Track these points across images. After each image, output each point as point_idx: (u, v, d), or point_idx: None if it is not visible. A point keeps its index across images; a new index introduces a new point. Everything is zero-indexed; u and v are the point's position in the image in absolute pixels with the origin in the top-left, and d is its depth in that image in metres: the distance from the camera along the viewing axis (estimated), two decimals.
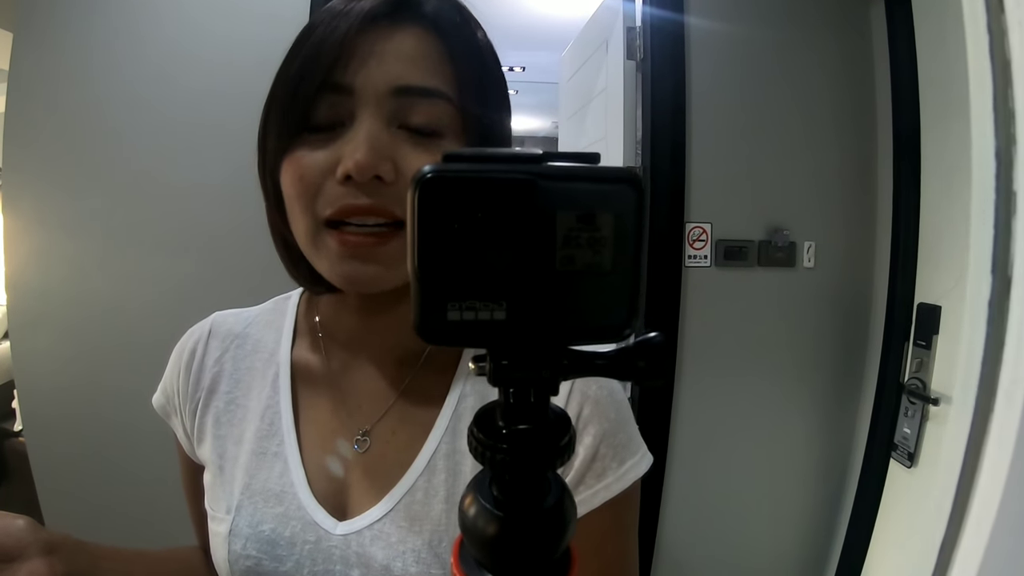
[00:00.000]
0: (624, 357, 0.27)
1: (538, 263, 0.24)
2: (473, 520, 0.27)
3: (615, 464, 0.58)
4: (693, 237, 1.91)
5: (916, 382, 1.74)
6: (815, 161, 1.97)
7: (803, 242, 1.98)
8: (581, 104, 2.58)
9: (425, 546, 0.55)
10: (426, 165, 0.23)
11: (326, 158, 0.51)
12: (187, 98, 1.78)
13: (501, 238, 0.24)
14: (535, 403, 0.27)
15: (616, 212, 0.24)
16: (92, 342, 1.83)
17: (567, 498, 0.29)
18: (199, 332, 0.69)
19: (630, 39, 1.99)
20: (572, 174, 0.24)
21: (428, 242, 0.23)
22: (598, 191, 0.24)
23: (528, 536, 0.27)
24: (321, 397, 0.63)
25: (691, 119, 1.89)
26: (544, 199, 0.24)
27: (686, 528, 2.02)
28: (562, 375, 0.27)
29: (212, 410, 0.65)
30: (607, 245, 0.24)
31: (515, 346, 0.26)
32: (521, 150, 0.25)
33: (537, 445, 0.27)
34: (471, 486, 0.29)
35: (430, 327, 0.24)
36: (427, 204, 0.23)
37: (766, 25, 1.92)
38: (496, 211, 0.23)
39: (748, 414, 2.02)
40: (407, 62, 0.52)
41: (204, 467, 0.66)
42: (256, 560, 0.57)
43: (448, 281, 0.24)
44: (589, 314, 0.25)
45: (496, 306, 0.24)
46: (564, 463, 0.28)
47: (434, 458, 0.58)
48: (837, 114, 1.97)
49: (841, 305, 2.02)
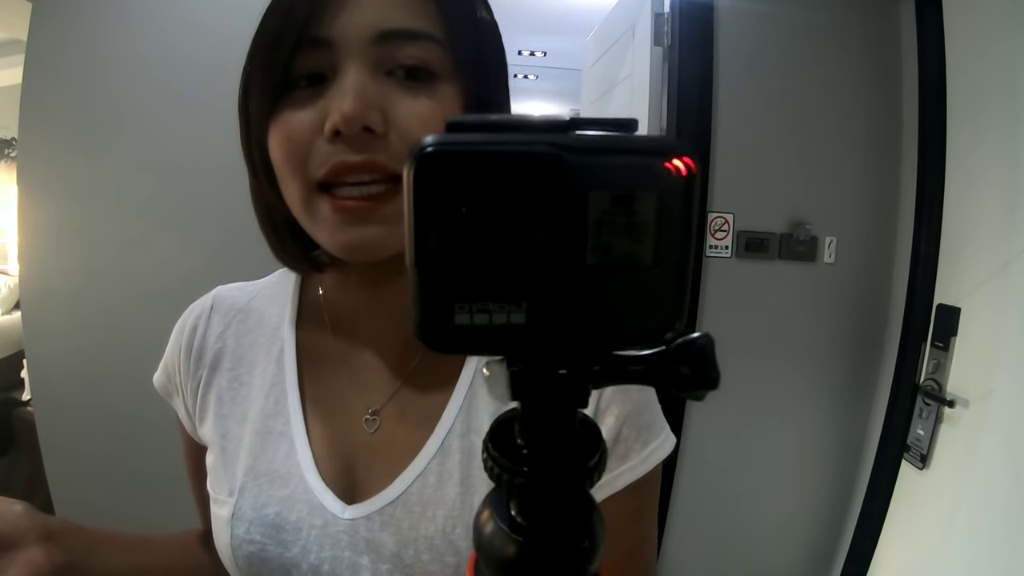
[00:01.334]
0: (665, 362, 0.23)
1: (565, 255, 0.20)
2: (489, 539, 0.24)
3: (639, 446, 0.55)
4: (715, 227, 1.90)
5: (932, 383, 1.73)
6: (839, 155, 1.95)
7: (824, 237, 1.96)
8: (604, 90, 2.56)
9: (439, 533, 0.52)
10: (427, 136, 0.19)
11: (313, 115, 0.48)
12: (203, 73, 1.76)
13: (519, 225, 0.20)
14: (560, 417, 0.24)
15: (660, 192, 0.20)
16: (102, 315, 1.83)
17: (596, 518, 0.25)
18: (200, 307, 0.67)
19: (658, 25, 1.97)
20: (607, 145, 0.20)
21: (429, 231, 0.19)
22: (639, 166, 0.20)
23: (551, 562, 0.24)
24: (328, 375, 0.61)
25: (717, 108, 1.87)
26: (573, 177, 0.19)
27: (695, 521, 2.03)
28: (593, 384, 0.23)
29: (215, 388, 0.63)
30: (649, 232, 0.20)
31: (537, 354, 0.22)
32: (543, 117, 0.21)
33: (562, 469, 0.23)
34: (488, 500, 0.26)
35: (434, 333, 0.20)
36: (427, 184, 0.19)
37: (795, 12, 1.90)
38: (513, 192, 0.19)
39: (761, 408, 2.01)
40: (387, 5, 0.48)
41: (207, 448, 0.64)
42: (260, 545, 0.55)
43: (455, 278, 0.20)
44: (626, 316, 0.21)
45: (514, 308, 0.20)
46: (593, 485, 0.24)
47: (448, 439, 0.55)
48: (863, 107, 1.95)
49: (859, 302, 2.01)
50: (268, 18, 0.50)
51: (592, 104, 2.78)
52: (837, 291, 1.99)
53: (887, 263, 2.00)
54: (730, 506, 2.05)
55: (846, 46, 1.93)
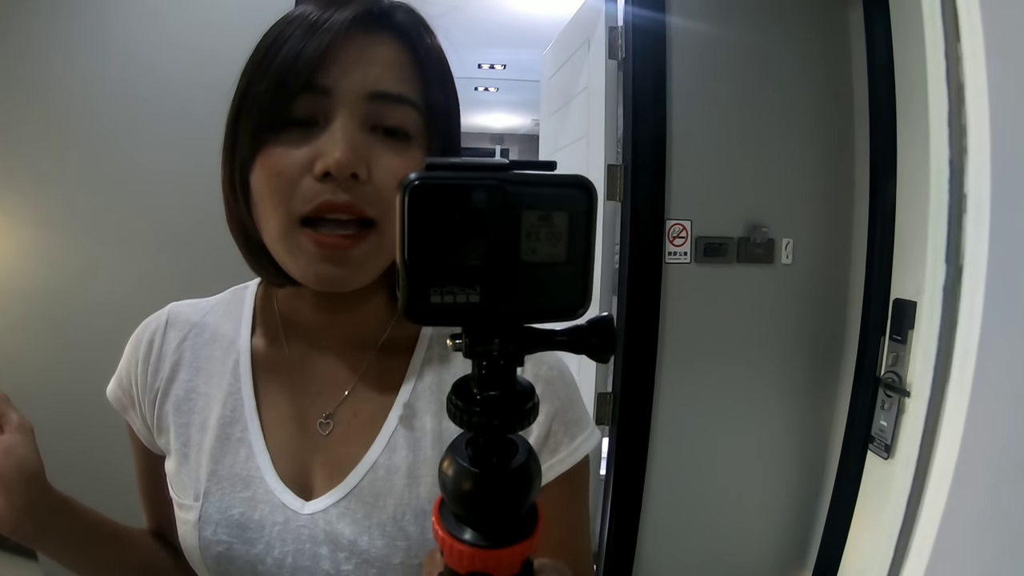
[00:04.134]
0: (579, 334, 0.32)
1: (506, 254, 0.28)
2: (452, 478, 0.32)
3: (567, 440, 0.62)
4: (673, 234, 1.93)
5: (892, 376, 1.77)
6: (794, 160, 2.00)
7: (781, 239, 2.00)
8: (563, 102, 2.59)
9: (390, 520, 0.58)
10: (411, 173, 0.27)
11: (303, 155, 0.53)
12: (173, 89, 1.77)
13: (475, 233, 0.28)
14: (504, 374, 0.32)
15: (570, 211, 0.29)
16: (75, 341, 1.82)
17: (532, 458, 0.33)
18: (156, 322, 0.70)
19: (612, 38, 2.01)
20: (534, 180, 0.29)
21: (415, 237, 0.27)
22: (555, 194, 0.29)
23: (500, 489, 0.32)
24: (282, 384, 0.65)
25: (671, 118, 1.91)
26: (511, 201, 0.28)
27: (667, 520, 2.05)
28: (526, 349, 0.31)
29: (172, 398, 0.66)
30: (563, 239, 0.29)
31: (487, 325, 0.30)
32: (491, 159, 0.29)
33: (506, 408, 0.31)
34: (449, 450, 0.33)
35: (416, 309, 0.28)
36: (414, 206, 0.27)
37: (747, 25, 1.94)
38: (471, 211, 0.28)
39: (728, 408, 2.04)
40: (384, 69, 0.55)
41: (163, 457, 0.67)
42: (227, 544, 0.59)
43: (431, 270, 0.28)
44: (549, 297, 0.30)
45: (471, 290, 0.28)
46: (529, 424, 0.32)
47: (394, 437, 0.61)
48: (816, 114, 2.00)
49: (819, 301, 2.05)
50: (269, 58, 0.54)
51: (552, 115, 2.81)
52: (796, 291, 2.04)
53: (844, 261, 2.04)
54: (702, 504, 2.08)
55: (796, 50, 1.97)
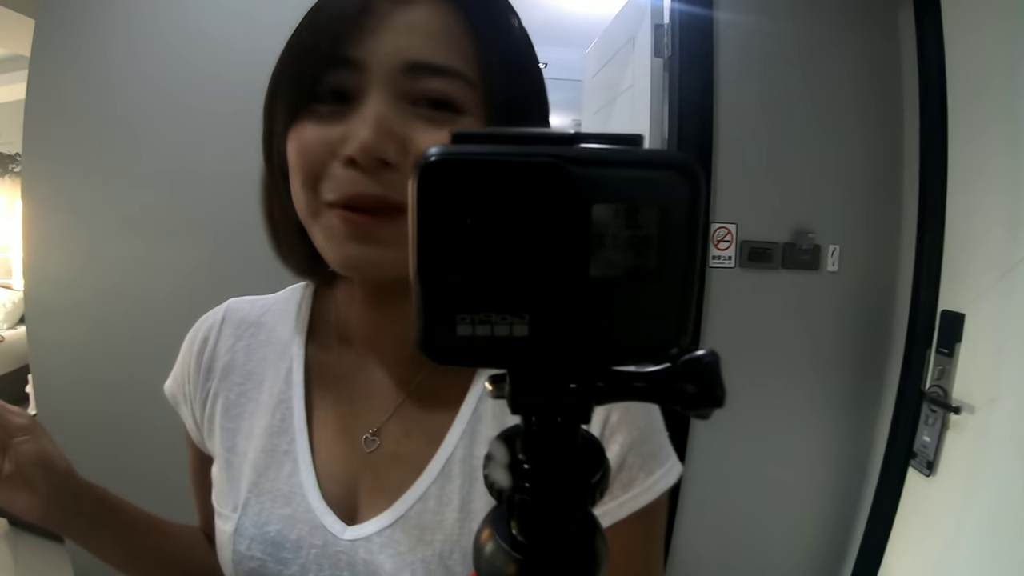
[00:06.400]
0: (670, 379, 0.23)
1: (568, 267, 0.20)
2: (489, 559, 0.24)
3: (643, 474, 0.55)
4: (718, 238, 1.90)
5: (937, 390, 1.72)
6: (841, 163, 1.95)
7: (828, 245, 1.96)
8: (606, 101, 2.57)
9: (435, 557, 0.52)
10: (431, 147, 0.19)
11: (331, 135, 0.48)
12: (208, 85, 1.77)
13: (522, 236, 0.19)
14: (563, 433, 0.23)
15: (664, 205, 0.20)
16: (109, 330, 1.83)
17: (598, 537, 0.25)
18: (212, 319, 0.67)
19: (658, 36, 1.98)
20: (611, 158, 0.20)
21: (433, 241, 0.19)
22: (642, 179, 0.20)
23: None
24: (334, 395, 0.61)
25: (718, 118, 1.87)
26: (576, 188, 0.19)
27: (702, 532, 2.01)
28: (595, 400, 0.23)
29: (222, 400, 0.63)
30: (652, 245, 0.20)
31: (540, 367, 0.22)
32: (548, 130, 0.21)
33: (565, 486, 0.23)
34: (488, 519, 0.26)
35: (436, 344, 0.20)
36: (431, 194, 0.19)
37: (795, 23, 1.90)
38: (516, 202, 0.19)
39: (767, 418, 2.00)
40: (421, 36, 0.48)
41: (212, 459, 0.65)
42: (260, 562, 0.56)
43: (457, 289, 0.20)
44: (629, 329, 0.21)
45: (516, 319, 0.20)
46: (596, 503, 0.24)
47: (449, 463, 0.55)
48: (864, 116, 1.95)
49: (864, 310, 2.00)
50: (301, 30, 0.51)
51: (594, 115, 2.78)
52: (841, 299, 1.99)
53: (891, 270, 1.99)
54: (738, 517, 2.04)
55: (846, 54, 1.93)
